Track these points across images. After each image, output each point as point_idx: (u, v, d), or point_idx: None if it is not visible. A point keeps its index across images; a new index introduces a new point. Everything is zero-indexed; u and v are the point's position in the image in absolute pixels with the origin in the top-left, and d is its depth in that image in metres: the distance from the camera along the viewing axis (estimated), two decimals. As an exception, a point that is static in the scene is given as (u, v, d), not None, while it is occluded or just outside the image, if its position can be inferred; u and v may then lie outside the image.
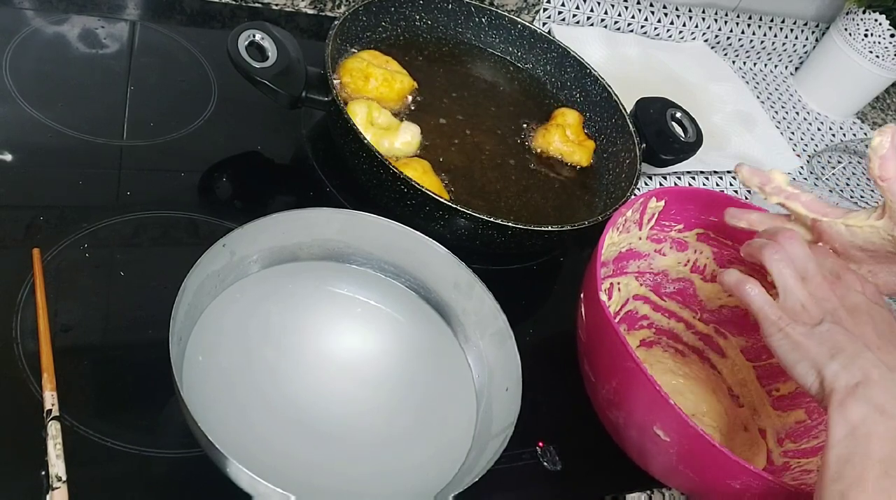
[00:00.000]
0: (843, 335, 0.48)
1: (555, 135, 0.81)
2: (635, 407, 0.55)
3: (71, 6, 0.75)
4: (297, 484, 0.46)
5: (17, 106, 0.65)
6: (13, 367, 0.50)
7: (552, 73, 0.90)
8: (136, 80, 0.72)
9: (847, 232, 0.55)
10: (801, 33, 1.24)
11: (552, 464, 0.61)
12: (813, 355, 0.48)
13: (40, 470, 0.47)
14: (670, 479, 0.58)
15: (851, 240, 0.55)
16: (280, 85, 0.64)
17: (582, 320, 0.60)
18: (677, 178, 0.95)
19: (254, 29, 0.65)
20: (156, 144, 0.68)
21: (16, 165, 0.61)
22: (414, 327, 0.62)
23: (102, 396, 0.52)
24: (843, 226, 0.55)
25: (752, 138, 1.05)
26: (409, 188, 0.63)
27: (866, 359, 0.46)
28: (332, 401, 0.56)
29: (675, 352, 0.74)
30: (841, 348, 0.47)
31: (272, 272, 0.59)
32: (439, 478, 0.53)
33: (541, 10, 1.02)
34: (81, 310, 0.55)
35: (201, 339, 0.54)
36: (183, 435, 0.51)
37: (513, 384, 0.55)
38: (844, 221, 0.55)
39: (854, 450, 0.43)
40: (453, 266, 0.60)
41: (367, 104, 0.71)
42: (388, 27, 0.83)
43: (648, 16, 1.10)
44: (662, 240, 0.69)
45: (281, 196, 0.70)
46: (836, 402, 0.45)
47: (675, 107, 0.85)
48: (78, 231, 0.59)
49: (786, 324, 0.50)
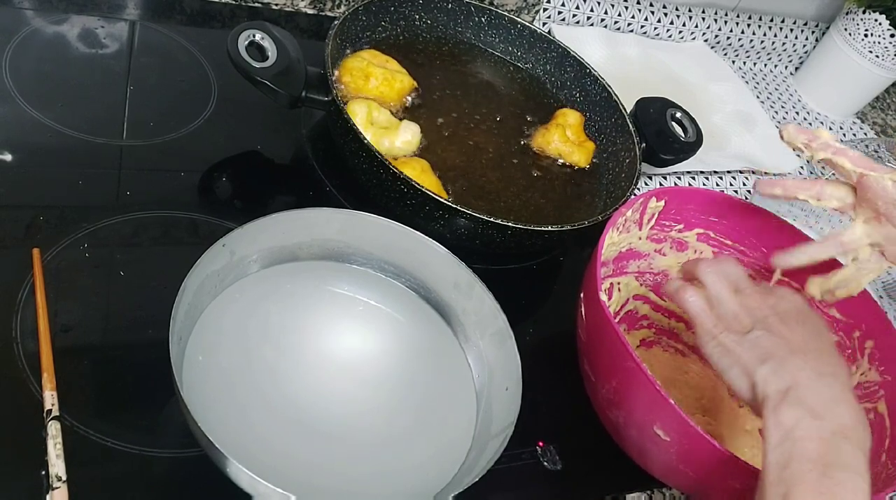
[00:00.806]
0: (772, 342, 0.50)
1: (555, 134, 0.81)
2: (635, 407, 0.55)
3: (71, 6, 0.75)
4: (297, 484, 0.46)
5: (17, 106, 0.65)
6: (13, 367, 0.50)
7: (552, 72, 0.90)
8: (135, 80, 0.72)
9: (893, 189, 0.54)
10: (801, 33, 1.24)
11: (552, 464, 0.61)
12: (744, 361, 0.50)
13: (40, 470, 0.47)
14: (670, 479, 0.58)
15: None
16: (280, 85, 0.64)
17: (582, 320, 0.60)
18: (677, 178, 0.95)
19: (254, 29, 0.65)
20: (156, 144, 0.68)
21: (16, 165, 0.61)
22: (414, 327, 0.62)
23: (102, 396, 0.52)
24: (891, 182, 0.54)
25: (752, 138, 1.05)
26: (408, 188, 0.63)
27: (795, 364, 0.48)
28: (332, 401, 0.56)
29: (675, 352, 0.74)
30: (770, 354, 0.49)
31: (272, 272, 0.59)
32: (439, 478, 0.54)
33: (541, 9, 1.02)
34: (81, 310, 0.55)
35: (201, 339, 0.54)
36: (183, 435, 0.51)
37: (513, 384, 0.55)
38: (892, 177, 0.54)
39: (791, 453, 0.44)
40: (453, 266, 0.60)
41: (367, 104, 0.71)
42: (387, 27, 0.83)
43: (648, 16, 1.10)
44: (662, 240, 0.69)
45: (281, 196, 0.70)
46: (770, 407, 0.46)
47: (675, 107, 0.85)
48: (78, 231, 0.59)
49: (719, 332, 0.52)
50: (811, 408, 0.45)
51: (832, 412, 0.45)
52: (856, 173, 0.56)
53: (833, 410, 0.45)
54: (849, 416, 0.45)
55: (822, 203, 0.59)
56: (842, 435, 0.44)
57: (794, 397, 0.46)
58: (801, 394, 0.46)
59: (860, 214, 0.57)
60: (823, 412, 0.45)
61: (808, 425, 0.45)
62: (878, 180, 0.55)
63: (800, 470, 0.43)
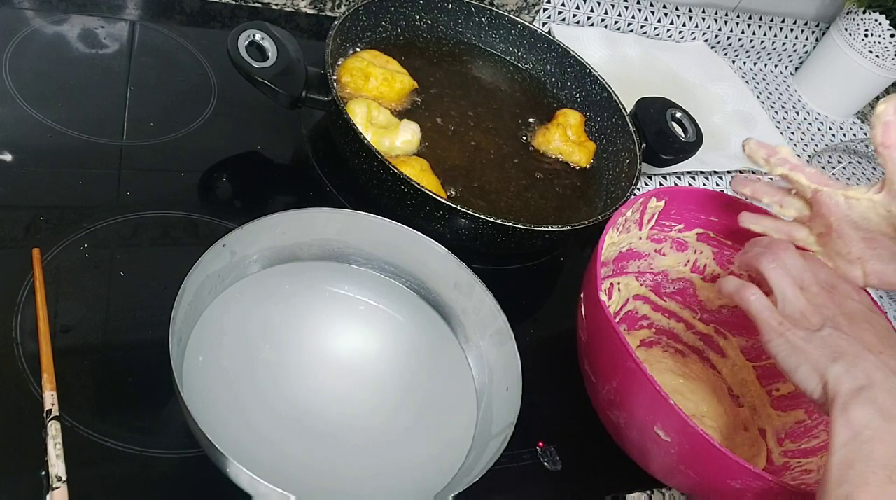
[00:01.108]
0: (844, 340, 0.48)
1: (555, 134, 0.81)
2: (635, 407, 0.55)
3: (71, 6, 0.75)
4: (297, 484, 0.46)
5: (17, 106, 0.65)
6: (13, 367, 0.50)
7: (552, 73, 0.90)
8: (136, 80, 0.72)
9: (845, 204, 0.55)
10: (801, 33, 1.24)
11: (552, 464, 0.61)
12: (815, 358, 0.48)
13: (40, 470, 0.47)
14: (670, 479, 0.58)
15: (848, 214, 0.55)
16: (280, 85, 0.64)
17: (582, 320, 0.60)
18: (677, 178, 0.95)
19: (254, 29, 0.65)
20: (156, 144, 0.68)
21: (16, 165, 0.61)
22: (414, 327, 0.62)
23: (102, 396, 0.52)
24: (843, 197, 0.55)
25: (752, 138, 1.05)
26: (409, 188, 0.63)
27: (869, 362, 0.46)
28: (332, 401, 0.56)
29: (675, 352, 0.74)
30: (843, 352, 0.47)
31: (272, 272, 0.59)
32: (439, 478, 0.53)
33: (541, 10, 1.02)
34: (81, 310, 0.55)
35: (201, 339, 0.53)
36: (183, 435, 0.51)
37: (513, 384, 0.55)
38: (844, 193, 0.55)
39: (857, 454, 0.42)
40: (453, 266, 0.60)
41: (367, 104, 0.71)
42: (388, 27, 0.83)
43: (648, 16, 1.10)
44: (662, 240, 0.69)
45: (281, 196, 0.70)
46: (840, 405, 0.45)
47: (675, 107, 0.85)
48: (78, 231, 0.59)
49: (786, 329, 0.50)
50: (883, 408, 0.44)
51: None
52: (810, 189, 0.57)
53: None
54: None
55: (783, 211, 0.60)
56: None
57: (866, 397, 0.44)
58: (875, 394, 0.44)
59: (814, 228, 0.58)
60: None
61: (878, 426, 0.43)
62: (830, 196, 0.56)
63: (865, 472, 0.42)
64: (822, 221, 0.57)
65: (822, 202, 0.56)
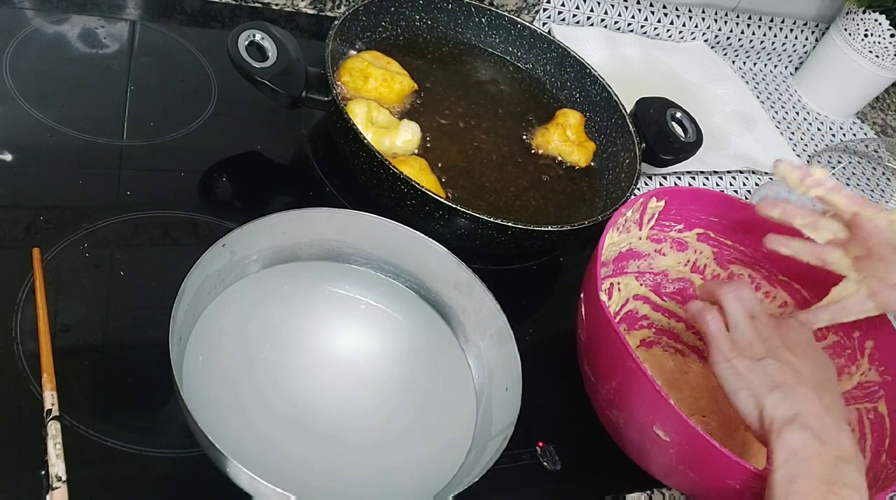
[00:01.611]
0: (782, 371, 0.52)
1: (554, 134, 0.81)
2: (635, 407, 0.55)
3: (71, 6, 0.75)
4: (297, 484, 0.46)
5: (17, 106, 0.65)
6: (13, 367, 0.50)
7: (552, 73, 0.90)
8: (136, 80, 0.72)
9: (888, 228, 0.55)
10: (801, 33, 1.24)
11: (552, 464, 0.61)
12: (754, 386, 0.51)
13: (40, 470, 0.47)
14: (670, 479, 0.58)
15: (889, 238, 0.56)
16: (280, 85, 0.64)
17: (582, 320, 0.60)
18: (677, 178, 0.95)
19: (254, 29, 0.65)
20: (156, 144, 0.68)
21: (16, 165, 0.61)
22: (414, 327, 0.62)
23: (102, 396, 0.52)
24: (885, 221, 0.55)
25: (752, 138, 1.05)
26: (409, 188, 0.63)
27: (803, 395, 0.50)
28: (332, 401, 0.56)
29: (675, 352, 0.74)
30: (780, 383, 0.51)
31: (272, 272, 0.59)
32: (439, 478, 0.54)
33: (541, 10, 1.02)
34: (81, 310, 0.55)
35: (201, 339, 0.54)
36: (183, 435, 0.51)
37: (513, 384, 0.55)
38: (886, 216, 0.55)
39: (797, 471, 0.46)
40: (453, 266, 0.60)
41: (367, 104, 0.71)
42: (388, 27, 0.83)
43: (648, 16, 1.10)
44: (662, 240, 0.69)
45: (281, 196, 0.70)
46: (776, 430, 0.49)
47: (675, 107, 0.85)
48: (78, 231, 0.59)
49: (733, 356, 0.53)
50: (817, 434, 0.48)
51: (835, 440, 0.48)
52: (849, 212, 0.57)
53: (836, 438, 0.48)
54: (850, 445, 0.48)
55: (817, 234, 0.60)
56: (844, 460, 0.46)
57: (800, 424, 0.48)
58: (808, 421, 0.48)
59: (851, 250, 0.58)
60: (827, 439, 0.47)
61: (814, 447, 0.47)
62: (870, 219, 0.56)
63: (806, 486, 0.45)
64: (862, 245, 0.57)
65: (862, 226, 0.56)
